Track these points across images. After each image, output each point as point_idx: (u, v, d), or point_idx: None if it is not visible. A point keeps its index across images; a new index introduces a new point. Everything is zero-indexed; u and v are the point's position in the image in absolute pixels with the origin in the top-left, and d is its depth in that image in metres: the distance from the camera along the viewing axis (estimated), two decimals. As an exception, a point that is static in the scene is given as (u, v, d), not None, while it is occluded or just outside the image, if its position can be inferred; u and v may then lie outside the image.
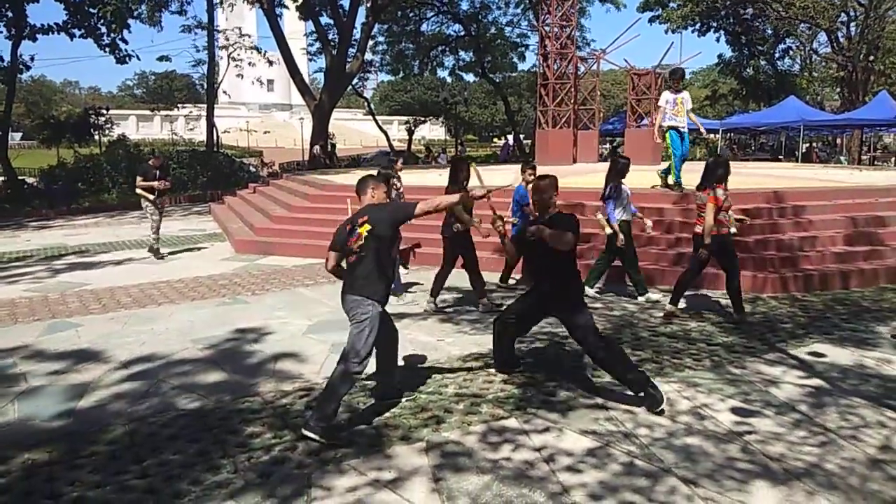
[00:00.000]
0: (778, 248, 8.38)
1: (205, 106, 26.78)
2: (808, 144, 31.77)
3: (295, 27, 39.68)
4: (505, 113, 40.33)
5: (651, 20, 37.53)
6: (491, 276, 7.96)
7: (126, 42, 19.35)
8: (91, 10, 18.41)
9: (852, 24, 30.98)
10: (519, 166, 8.24)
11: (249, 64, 27.17)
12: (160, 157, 11.27)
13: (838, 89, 34.73)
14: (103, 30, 18.89)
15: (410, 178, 13.97)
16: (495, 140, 73.14)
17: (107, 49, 19.20)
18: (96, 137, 24.57)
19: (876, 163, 27.57)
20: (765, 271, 7.76)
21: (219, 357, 5.57)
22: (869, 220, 9.25)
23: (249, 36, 28.47)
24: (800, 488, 3.43)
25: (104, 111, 24.07)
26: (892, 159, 28.01)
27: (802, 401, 4.55)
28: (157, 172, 10.25)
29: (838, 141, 34.75)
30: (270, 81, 28.65)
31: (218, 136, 28.60)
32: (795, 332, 6.11)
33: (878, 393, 4.68)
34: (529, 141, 32.47)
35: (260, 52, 27.95)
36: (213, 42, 25.77)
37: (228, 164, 25.06)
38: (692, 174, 8.44)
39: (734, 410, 4.38)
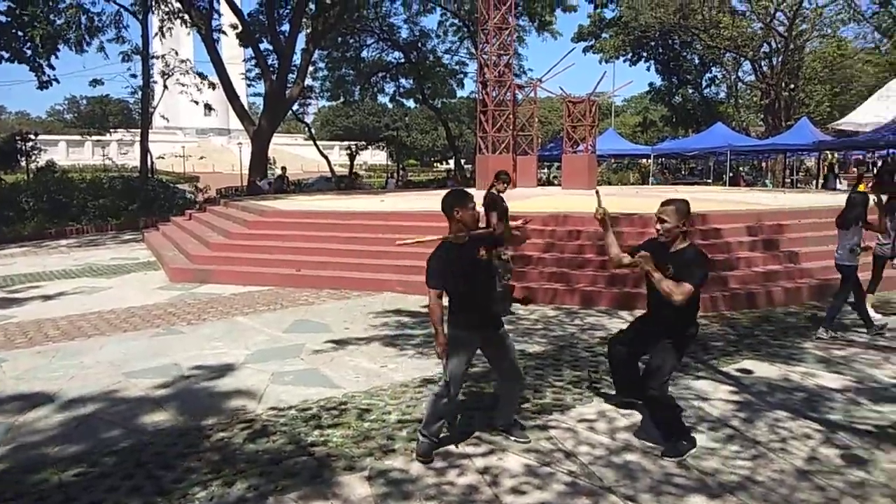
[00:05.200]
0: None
1: (139, 131, 26.16)
2: (735, 169, 33.20)
3: (234, 52, 39.22)
4: (446, 138, 40.76)
5: (585, 50, 38.84)
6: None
7: (53, 67, 18.78)
8: (19, 32, 17.80)
9: (774, 54, 32.75)
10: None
11: (197, 89, 26.67)
12: None
13: (762, 116, 36.52)
14: (29, 53, 18.27)
15: (356, 202, 13.97)
16: (437, 165, 73.68)
17: (35, 73, 18.59)
18: (23, 164, 23.59)
19: (798, 185, 28.99)
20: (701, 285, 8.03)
21: (152, 390, 5.40)
22: (792, 241, 9.71)
23: (187, 60, 27.97)
24: (733, 501, 3.55)
25: (32, 136, 23.18)
26: (813, 182, 29.48)
27: (734, 416, 4.72)
28: None
29: (763, 165, 36.44)
30: (208, 106, 27.99)
31: (152, 162, 27.85)
32: (726, 350, 6.34)
33: (803, 406, 4.90)
34: (470, 166, 32.87)
35: (202, 77, 27.53)
36: (147, 67, 25.23)
37: (163, 190, 24.44)
38: (624, 198, 8.72)
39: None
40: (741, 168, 35.98)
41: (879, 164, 32.17)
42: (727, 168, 29.19)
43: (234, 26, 26.65)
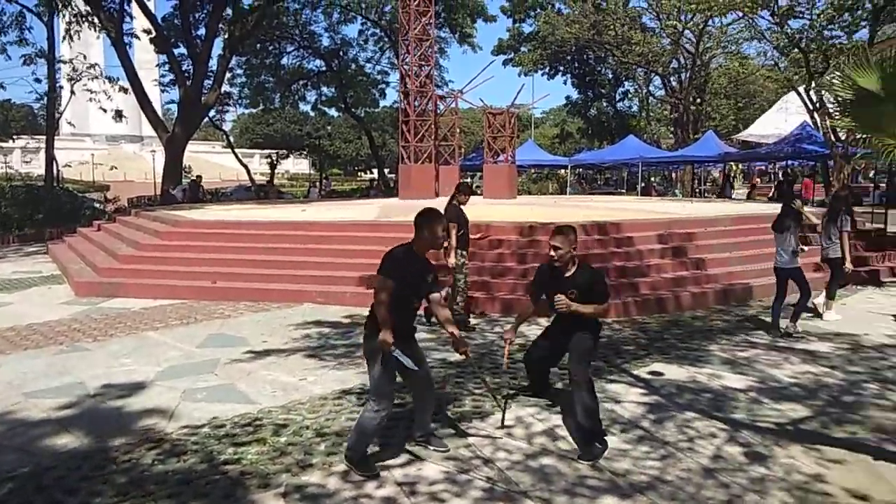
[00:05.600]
0: (620, 275, 9.02)
1: (44, 137, 24.77)
2: (647, 179, 34.58)
3: (146, 56, 37.75)
4: (370, 148, 40.61)
5: (505, 63, 39.72)
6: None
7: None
8: None
9: (683, 69, 34.36)
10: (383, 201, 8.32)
11: (106, 95, 25.46)
12: None
13: (672, 128, 38.22)
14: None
15: (275, 212, 13.69)
16: (361, 174, 73.24)
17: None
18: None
19: (705, 195, 30.44)
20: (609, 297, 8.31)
21: (55, 411, 5.10)
22: (699, 248, 10.20)
23: (96, 65, 26.73)
24: (644, 500, 3.68)
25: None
26: (718, 191, 31.09)
27: (644, 417, 4.90)
28: None
29: (673, 175, 38.11)
30: (119, 112, 26.71)
31: (58, 170, 26.47)
32: (637, 353, 6.58)
33: (709, 406, 5.14)
34: (394, 175, 32.86)
35: (112, 83, 26.36)
36: (53, 71, 23.96)
37: (70, 199, 23.24)
38: (543, 208, 8.92)
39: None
40: (653, 178, 37.52)
41: (780, 174, 34.27)
42: (639, 179, 30.35)
43: (147, 31, 25.69)
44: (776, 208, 8.07)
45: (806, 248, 7.78)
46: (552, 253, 4.57)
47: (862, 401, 5.25)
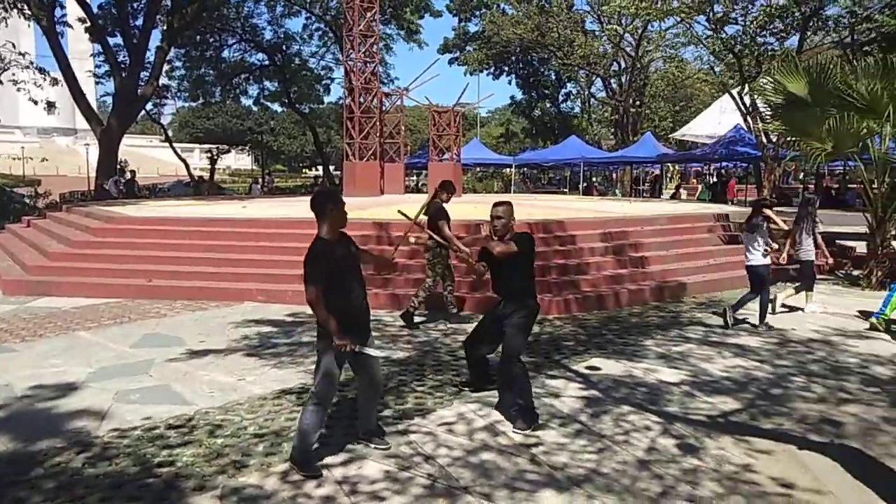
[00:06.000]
0: (562, 272, 9.17)
1: (-34, 129, 23.60)
2: (588, 179, 35.25)
3: (80, 46, 36.33)
4: (314, 144, 40.08)
5: (450, 62, 39.82)
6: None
7: None
8: None
9: (623, 72, 35.14)
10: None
11: (36, 85, 24.30)
12: None
13: (613, 130, 39.08)
14: None
15: (218, 209, 13.37)
16: (305, 171, 72.27)
17: None
18: None
19: (644, 195, 31.24)
20: (550, 294, 8.45)
21: (-23, 415, 4.88)
22: (636, 246, 10.46)
23: (26, 54, 25.51)
24: (580, 493, 3.76)
25: None
26: (658, 192, 31.97)
27: (582, 411, 5.00)
28: None
29: (614, 176, 38.95)
30: (51, 104, 25.49)
31: (-16, 164, 25.22)
32: (576, 349, 6.71)
33: (645, 400, 5.28)
34: (339, 172, 32.56)
35: (42, 73, 25.21)
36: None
37: (-4, 194, 22.21)
38: (488, 206, 8.97)
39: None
40: (594, 178, 38.25)
41: (715, 175, 35.43)
42: (581, 178, 30.92)
43: (81, 20, 24.69)
44: (708, 208, 8.36)
45: (775, 245, 8.14)
46: (494, 223, 4.75)
47: (789, 393, 5.47)
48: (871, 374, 5.99)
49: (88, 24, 24.42)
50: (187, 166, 36.66)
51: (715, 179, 32.46)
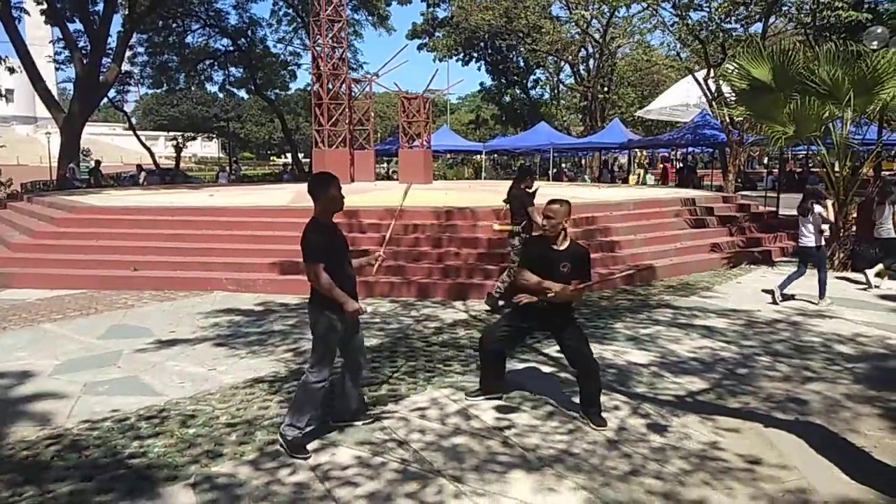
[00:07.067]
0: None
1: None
2: (558, 165, 35.43)
3: (39, 32, 35.35)
4: (282, 131, 39.58)
5: (420, 48, 39.57)
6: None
7: None
8: None
9: (591, 58, 35.30)
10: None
11: None
12: None
13: (581, 116, 39.28)
14: None
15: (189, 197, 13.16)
16: (273, 158, 71.43)
17: None
18: None
19: (615, 181, 31.54)
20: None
21: (-61, 410, 4.76)
22: (606, 231, 10.57)
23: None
24: (551, 473, 3.82)
25: None
26: (626, 178, 32.28)
27: (554, 393, 5.06)
28: None
29: (583, 162, 39.22)
30: (10, 91, 24.67)
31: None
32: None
33: (614, 380, 5.37)
34: (308, 160, 32.24)
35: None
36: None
37: (-47, 185, 21.55)
38: (459, 192, 8.98)
39: (497, 408, 4.75)
40: (564, 164, 38.47)
41: (681, 160, 35.87)
42: (551, 164, 31.07)
43: (38, 2, 23.97)
44: (676, 193, 8.52)
45: (825, 227, 8.44)
46: (544, 222, 4.48)
47: (755, 373, 5.61)
48: (834, 353, 6.16)
49: (45, 6, 23.71)
50: (152, 154, 35.98)
51: (681, 164, 32.92)
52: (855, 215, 10.96)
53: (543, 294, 4.33)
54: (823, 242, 8.42)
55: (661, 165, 36.10)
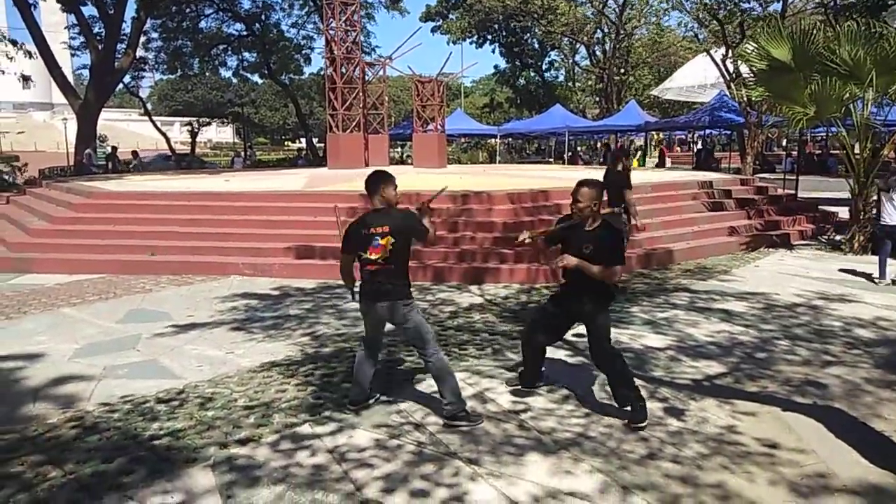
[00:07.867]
0: (549, 241, 9.18)
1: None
2: (573, 148, 35.19)
3: (54, 18, 35.38)
4: (296, 116, 39.56)
5: (433, 30, 39.28)
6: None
7: None
8: None
9: (607, 39, 34.89)
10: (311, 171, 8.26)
11: (8, 58, 23.69)
12: None
13: (597, 98, 38.92)
14: None
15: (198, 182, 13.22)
16: (288, 143, 71.52)
17: None
18: None
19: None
20: (538, 263, 8.48)
21: (-37, 393, 4.84)
22: (622, 214, 10.48)
23: (-5, 26, 24.90)
24: (567, 457, 3.82)
25: None
26: (643, 160, 32.00)
27: (570, 377, 5.05)
28: None
29: (598, 145, 38.89)
30: (27, 78, 24.83)
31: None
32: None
33: (631, 364, 5.29)
34: (323, 144, 32.24)
35: (15, 46, 24.61)
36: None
37: (-27, 171, 21.81)
38: (474, 177, 8.93)
39: (513, 392, 4.75)
40: (579, 148, 38.18)
41: (699, 143, 35.47)
42: (566, 148, 30.87)
43: (52, -11, 24.05)
44: (693, 176, 8.43)
45: None
46: (573, 206, 4.31)
47: (774, 356, 5.56)
48: (854, 337, 6.09)
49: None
50: (168, 140, 36.13)
51: (699, 147, 32.55)
52: (875, 198, 10.79)
53: (560, 258, 4.25)
54: None
55: (659, 149, 35.75)
